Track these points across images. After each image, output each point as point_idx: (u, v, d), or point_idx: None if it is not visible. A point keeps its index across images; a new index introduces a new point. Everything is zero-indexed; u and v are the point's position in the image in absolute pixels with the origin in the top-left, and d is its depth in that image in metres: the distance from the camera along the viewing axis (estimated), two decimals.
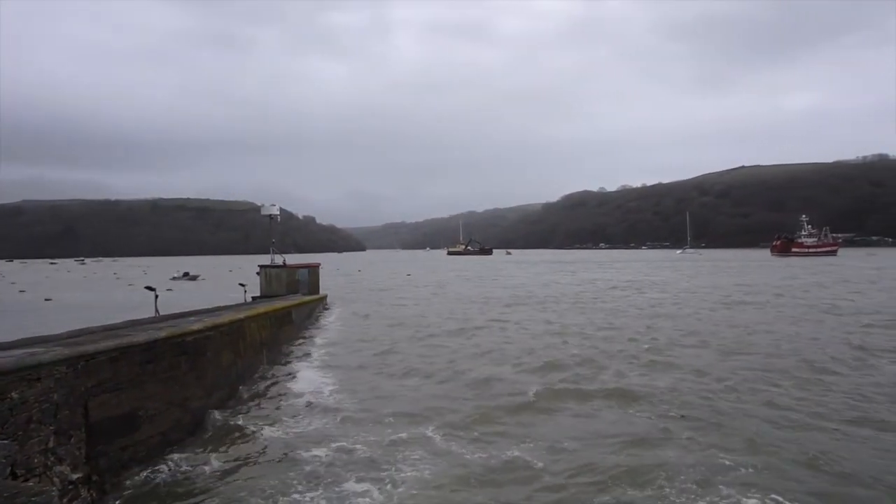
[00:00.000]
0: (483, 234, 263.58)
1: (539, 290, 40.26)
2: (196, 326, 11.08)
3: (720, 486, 7.44)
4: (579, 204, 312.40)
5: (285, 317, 20.03)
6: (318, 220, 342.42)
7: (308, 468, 8.35)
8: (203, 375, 10.86)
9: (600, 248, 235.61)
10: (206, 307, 17.50)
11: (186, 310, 16.12)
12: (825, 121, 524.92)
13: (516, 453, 8.77)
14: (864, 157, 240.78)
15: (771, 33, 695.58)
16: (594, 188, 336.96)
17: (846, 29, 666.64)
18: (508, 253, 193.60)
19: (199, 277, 65.36)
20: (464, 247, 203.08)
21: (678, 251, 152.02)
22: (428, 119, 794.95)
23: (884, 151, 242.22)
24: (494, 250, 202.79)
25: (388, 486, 7.67)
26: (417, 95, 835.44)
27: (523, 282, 51.23)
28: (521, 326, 22.28)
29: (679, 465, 8.11)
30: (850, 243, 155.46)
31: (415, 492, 7.54)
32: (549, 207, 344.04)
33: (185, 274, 68.11)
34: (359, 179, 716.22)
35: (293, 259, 32.37)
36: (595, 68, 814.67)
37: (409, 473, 8.08)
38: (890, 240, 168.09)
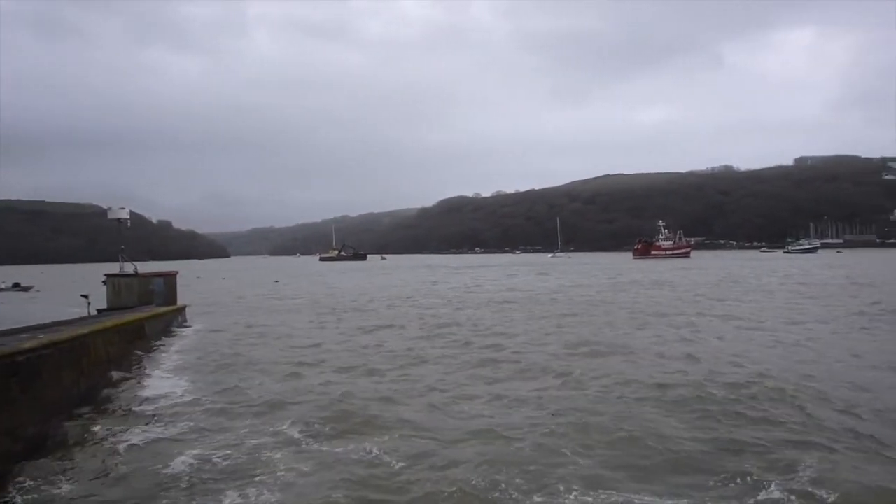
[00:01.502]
0: (357, 240, 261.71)
1: (379, 293, 40.88)
2: (29, 344, 10.26)
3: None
4: (455, 209, 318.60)
5: (137, 330, 18.88)
6: (176, 225, 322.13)
7: (164, 480, 8.12)
8: (39, 398, 10.07)
9: (475, 253, 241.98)
10: (43, 322, 16.21)
11: (18, 325, 14.79)
12: (676, 134, 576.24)
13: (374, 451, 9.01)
14: (713, 168, 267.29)
15: (619, 51, 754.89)
16: (469, 193, 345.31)
17: (684, 51, 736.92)
18: (383, 258, 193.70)
19: (33, 288, 59.51)
20: (337, 252, 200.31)
21: (549, 255, 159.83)
22: (292, 120, 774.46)
23: (729, 163, 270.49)
24: (369, 255, 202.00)
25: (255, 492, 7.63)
26: (278, 94, 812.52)
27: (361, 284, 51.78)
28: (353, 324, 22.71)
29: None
30: (701, 246, 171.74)
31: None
32: (424, 212, 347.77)
33: (16, 285, 61.65)
34: (220, 181, 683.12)
35: (147, 267, 30.38)
36: (460, 76, 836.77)
37: (273, 476, 8.10)
38: (734, 242, 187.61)
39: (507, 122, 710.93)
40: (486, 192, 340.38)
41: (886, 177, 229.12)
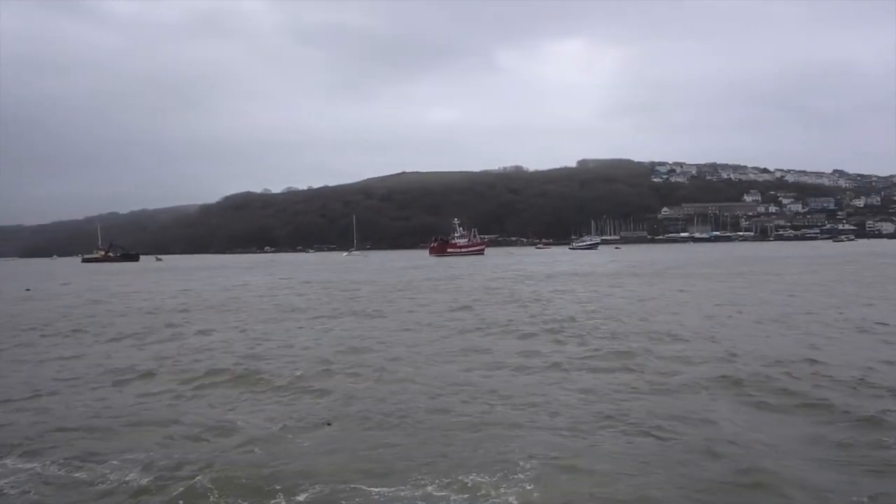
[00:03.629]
0: (129, 239, 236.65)
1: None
2: None
3: None
4: (242, 206, 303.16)
5: None
6: None
7: None
8: None
9: (266, 252, 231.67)
10: None
11: None
12: (466, 134, 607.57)
13: None
14: (505, 168, 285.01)
15: (394, 49, 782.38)
16: (258, 189, 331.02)
17: (459, 53, 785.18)
18: (158, 259, 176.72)
19: None
20: (104, 253, 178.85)
21: (345, 253, 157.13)
22: (34, 103, 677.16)
23: (519, 163, 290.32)
24: (142, 256, 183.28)
25: None
26: (16, 75, 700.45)
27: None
28: None
29: None
30: (494, 243, 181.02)
31: None
32: (206, 209, 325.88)
33: None
34: None
35: None
36: (229, 65, 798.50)
37: None
38: (525, 239, 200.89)
39: (289, 116, 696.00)
40: (276, 189, 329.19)
41: (655, 179, 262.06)
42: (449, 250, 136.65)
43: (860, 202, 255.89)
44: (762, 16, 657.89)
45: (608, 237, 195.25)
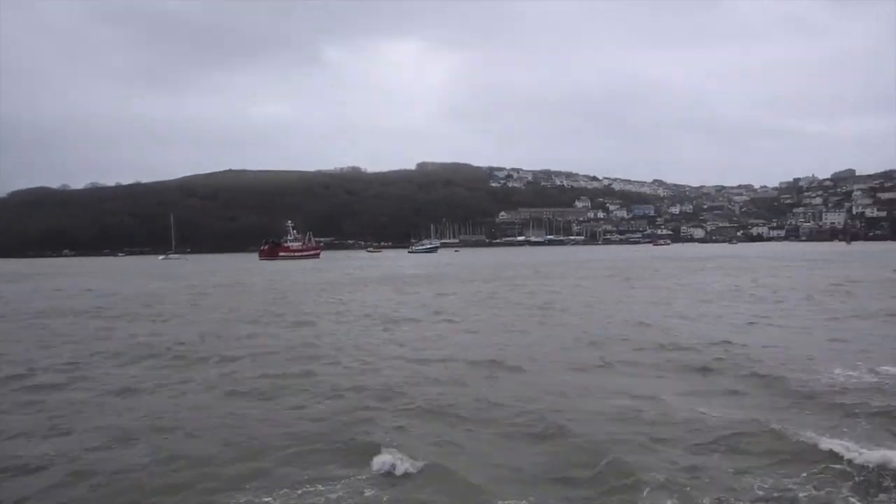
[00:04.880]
0: None
1: None
2: None
3: None
4: (34, 203, 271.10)
5: None
6: None
7: None
8: None
9: (64, 256, 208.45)
10: None
11: None
12: (298, 132, 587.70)
13: None
14: (341, 169, 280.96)
15: (209, 38, 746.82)
16: (55, 185, 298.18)
17: (284, 47, 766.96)
18: None
19: None
20: None
21: (161, 257, 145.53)
22: None
23: (357, 164, 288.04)
24: None
25: None
26: None
27: None
28: None
29: None
30: (330, 246, 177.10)
31: None
32: None
33: None
34: None
35: None
36: (4, 42, 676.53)
37: None
38: (363, 242, 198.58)
39: (83, 104, 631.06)
40: (77, 185, 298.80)
41: (493, 184, 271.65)
42: (281, 254, 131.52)
43: (676, 209, 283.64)
44: (587, 32, 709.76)
45: (448, 240, 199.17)
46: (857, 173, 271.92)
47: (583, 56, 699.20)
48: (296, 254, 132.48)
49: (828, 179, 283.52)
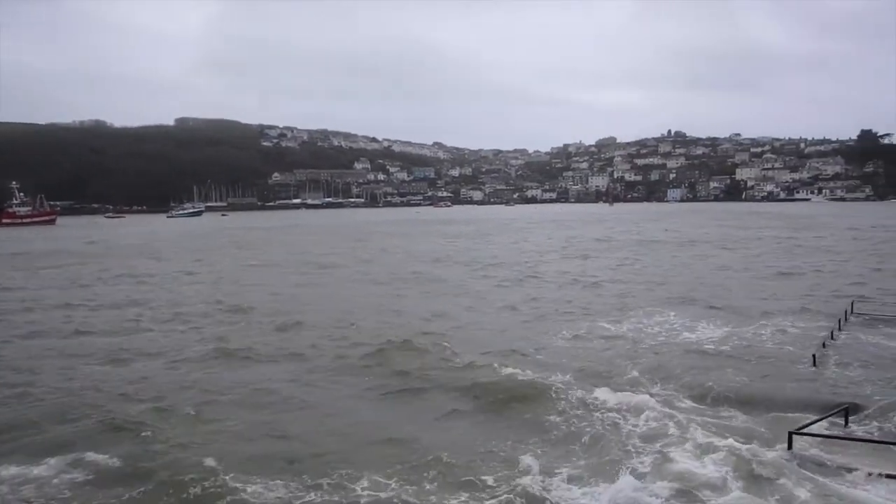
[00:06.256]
0: None
1: None
2: None
3: None
4: None
5: None
6: None
7: None
8: None
9: None
10: None
11: None
12: (18, 76, 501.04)
13: None
14: (82, 122, 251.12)
15: None
16: None
17: None
18: None
19: None
20: None
21: None
22: None
23: (102, 118, 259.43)
24: None
25: None
26: None
27: None
28: None
29: None
30: (70, 211, 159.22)
31: None
32: None
33: None
34: None
35: None
36: None
37: None
38: (111, 206, 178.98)
39: None
40: None
41: (265, 143, 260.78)
42: (5, 221, 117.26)
43: (456, 172, 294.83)
44: None
45: (214, 203, 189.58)
46: (618, 140, 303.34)
47: (359, 15, 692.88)
48: (24, 220, 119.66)
49: (593, 146, 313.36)
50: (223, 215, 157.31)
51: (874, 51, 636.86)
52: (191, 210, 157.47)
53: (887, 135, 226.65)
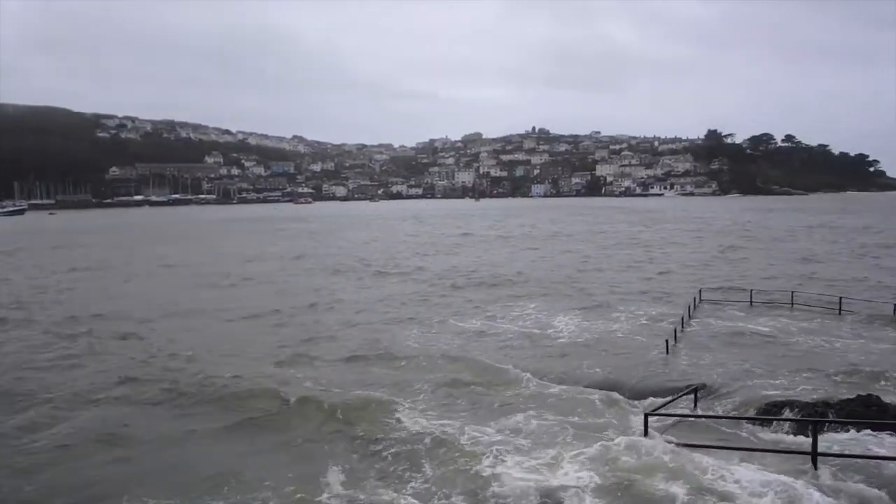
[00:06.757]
0: None
1: None
2: None
3: None
4: None
5: None
6: None
7: None
8: None
9: None
10: None
11: None
12: None
13: None
14: None
15: None
16: None
17: None
18: None
19: None
20: None
21: None
22: None
23: None
24: None
25: None
26: None
27: None
28: None
29: None
30: None
31: None
32: None
33: None
34: None
35: None
36: None
37: None
38: None
39: None
40: None
41: (101, 134, 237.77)
42: None
43: (317, 167, 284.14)
44: None
45: (39, 201, 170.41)
46: (484, 136, 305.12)
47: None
48: None
49: (459, 141, 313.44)
50: (51, 214, 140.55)
51: (720, 56, 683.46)
52: (10, 209, 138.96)
53: (731, 135, 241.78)
